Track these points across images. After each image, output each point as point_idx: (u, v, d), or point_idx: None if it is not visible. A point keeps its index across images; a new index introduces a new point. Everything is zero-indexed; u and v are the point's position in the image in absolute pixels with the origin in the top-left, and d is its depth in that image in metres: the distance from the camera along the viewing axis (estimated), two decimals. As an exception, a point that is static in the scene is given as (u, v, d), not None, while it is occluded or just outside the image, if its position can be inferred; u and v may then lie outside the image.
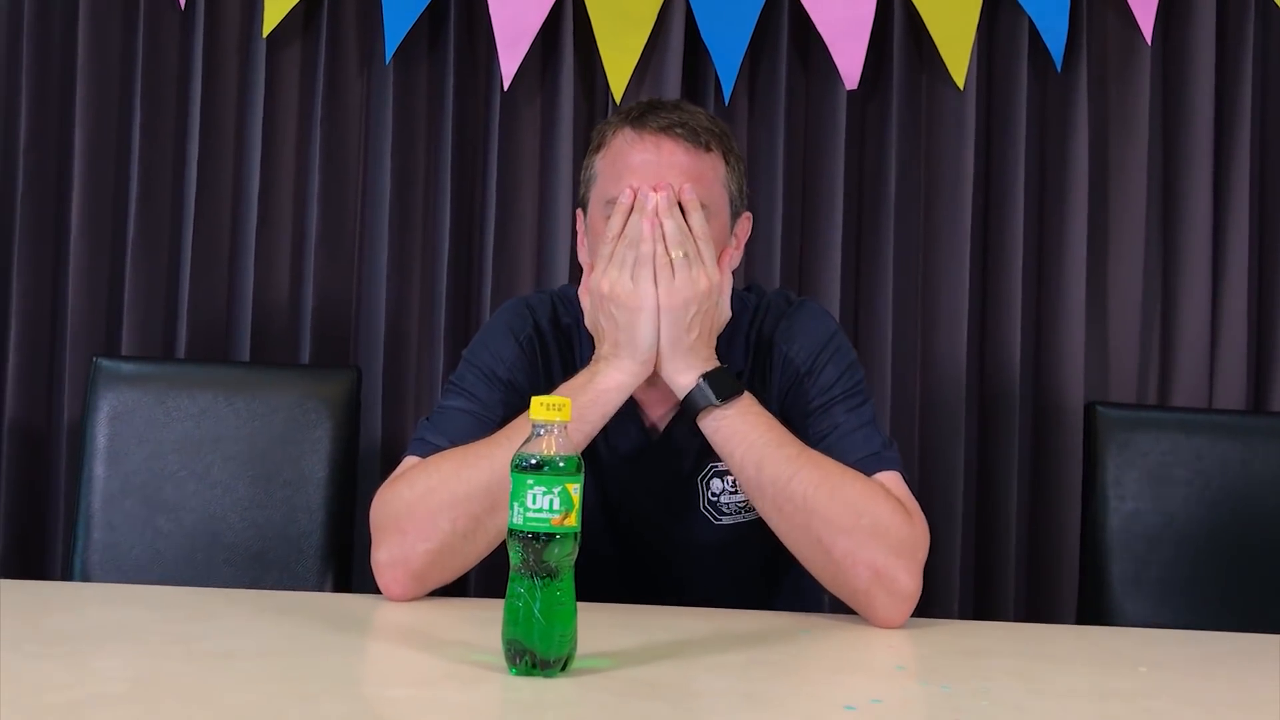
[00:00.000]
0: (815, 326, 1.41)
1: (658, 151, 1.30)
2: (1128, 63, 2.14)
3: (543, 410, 1.01)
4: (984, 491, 2.14)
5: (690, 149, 1.30)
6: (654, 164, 1.29)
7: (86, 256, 2.06)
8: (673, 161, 1.29)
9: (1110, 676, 1.12)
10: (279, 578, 1.73)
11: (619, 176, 1.31)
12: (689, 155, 1.30)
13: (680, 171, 1.29)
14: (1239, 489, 1.80)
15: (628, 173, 1.30)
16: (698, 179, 1.30)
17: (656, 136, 1.30)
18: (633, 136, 1.31)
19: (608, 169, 1.33)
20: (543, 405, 1.01)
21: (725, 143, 1.35)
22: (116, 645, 1.07)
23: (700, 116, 1.34)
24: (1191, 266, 2.14)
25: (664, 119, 1.31)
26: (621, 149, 1.32)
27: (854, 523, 1.22)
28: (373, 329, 2.10)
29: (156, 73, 2.08)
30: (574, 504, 1.00)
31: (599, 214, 1.34)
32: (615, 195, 1.30)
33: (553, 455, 0.99)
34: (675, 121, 1.30)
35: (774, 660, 1.09)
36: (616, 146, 1.33)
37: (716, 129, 1.34)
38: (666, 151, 1.30)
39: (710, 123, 1.34)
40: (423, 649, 1.11)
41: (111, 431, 1.76)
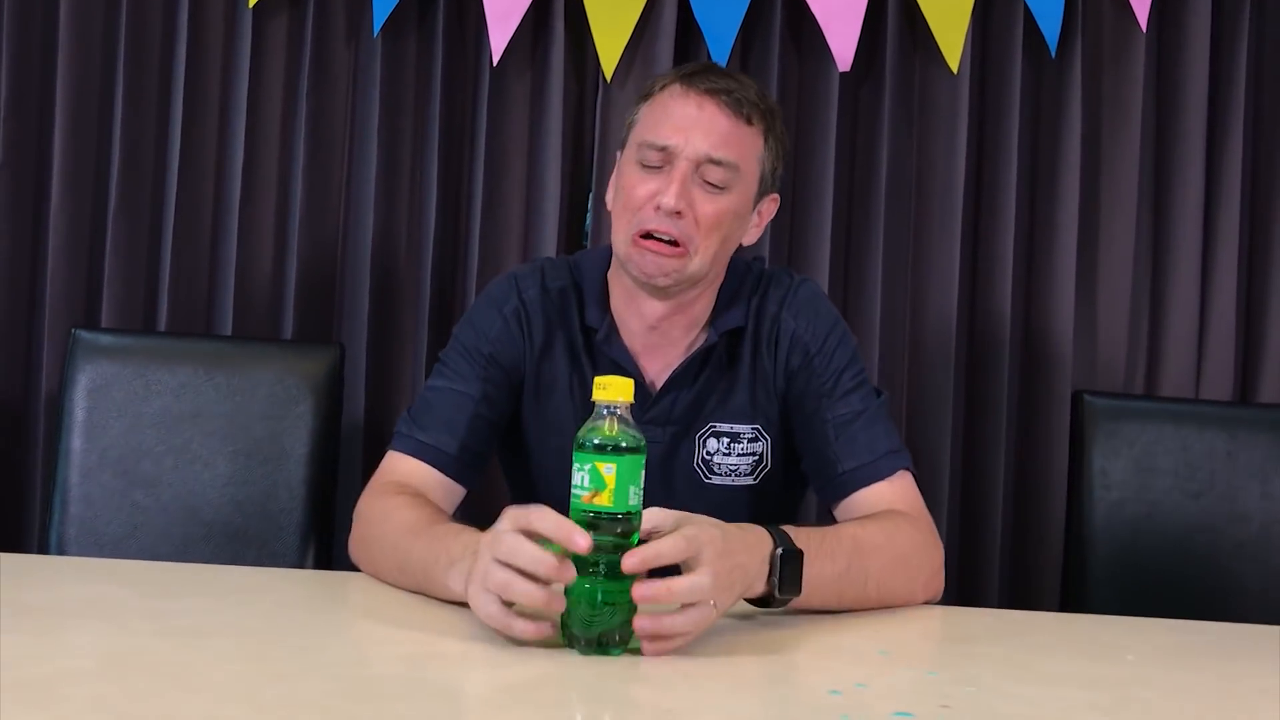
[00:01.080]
0: (822, 308, 1.45)
1: (699, 110, 1.33)
2: (1122, 49, 2.13)
3: (604, 392, 1.02)
4: (970, 478, 2.13)
5: (731, 116, 1.33)
6: (693, 119, 1.33)
7: (66, 227, 2.03)
8: (712, 124, 1.33)
9: (1098, 664, 1.11)
10: (258, 555, 1.71)
11: (658, 124, 1.34)
12: (728, 121, 1.33)
13: (716, 133, 1.33)
14: (1225, 480, 1.81)
15: (667, 121, 1.34)
16: (730, 143, 1.33)
17: (701, 96, 1.33)
18: (680, 91, 1.35)
19: (648, 115, 1.37)
20: (603, 387, 1.02)
21: (769, 120, 1.38)
22: (88, 620, 1.05)
23: (751, 90, 1.36)
24: (1182, 256, 2.13)
25: (714, 82, 1.34)
26: (666, 101, 1.35)
27: (909, 588, 1.28)
28: (357, 304, 2.08)
29: (140, 41, 2.05)
30: (641, 482, 1.01)
31: (631, 154, 1.37)
32: (651, 140, 1.34)
33: (617, 435, 1.00)
34: (724, 88, 1.33)
35: (757, 645, 1.08)
36: (662, 99, 1.36)
37: (763, 105, 1.37)
38: (708, 113, 1.33)
39: (759, 99, 1.36)
40: (403, 627, 1.09)
41: (90, 404, 1.74)
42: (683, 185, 1.32)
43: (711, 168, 1.33)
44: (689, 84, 1.34)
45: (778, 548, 1.11)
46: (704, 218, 1.33)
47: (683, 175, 1.32)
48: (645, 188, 1.34)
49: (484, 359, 1.41)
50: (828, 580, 1.17)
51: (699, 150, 1.32)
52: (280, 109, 2.09)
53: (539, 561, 0.98)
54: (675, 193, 1.31)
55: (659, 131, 1.34)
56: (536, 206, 2.09)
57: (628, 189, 1.36)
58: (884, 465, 1.36)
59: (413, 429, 1.38)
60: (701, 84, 1.34)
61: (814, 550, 1.15)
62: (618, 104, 2.08)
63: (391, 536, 1.23)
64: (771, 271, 1.48)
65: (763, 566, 1.10)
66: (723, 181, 1.33)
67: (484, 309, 1.45)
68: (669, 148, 1.33)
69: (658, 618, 0.99)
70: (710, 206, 1.33)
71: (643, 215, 1.34)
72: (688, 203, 1.32)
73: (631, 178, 1.36)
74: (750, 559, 1.09)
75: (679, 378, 1.41)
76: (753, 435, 1.43)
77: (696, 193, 1.33)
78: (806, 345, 1.42)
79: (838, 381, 1.40)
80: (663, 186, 1.32)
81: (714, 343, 1.41)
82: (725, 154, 1.33)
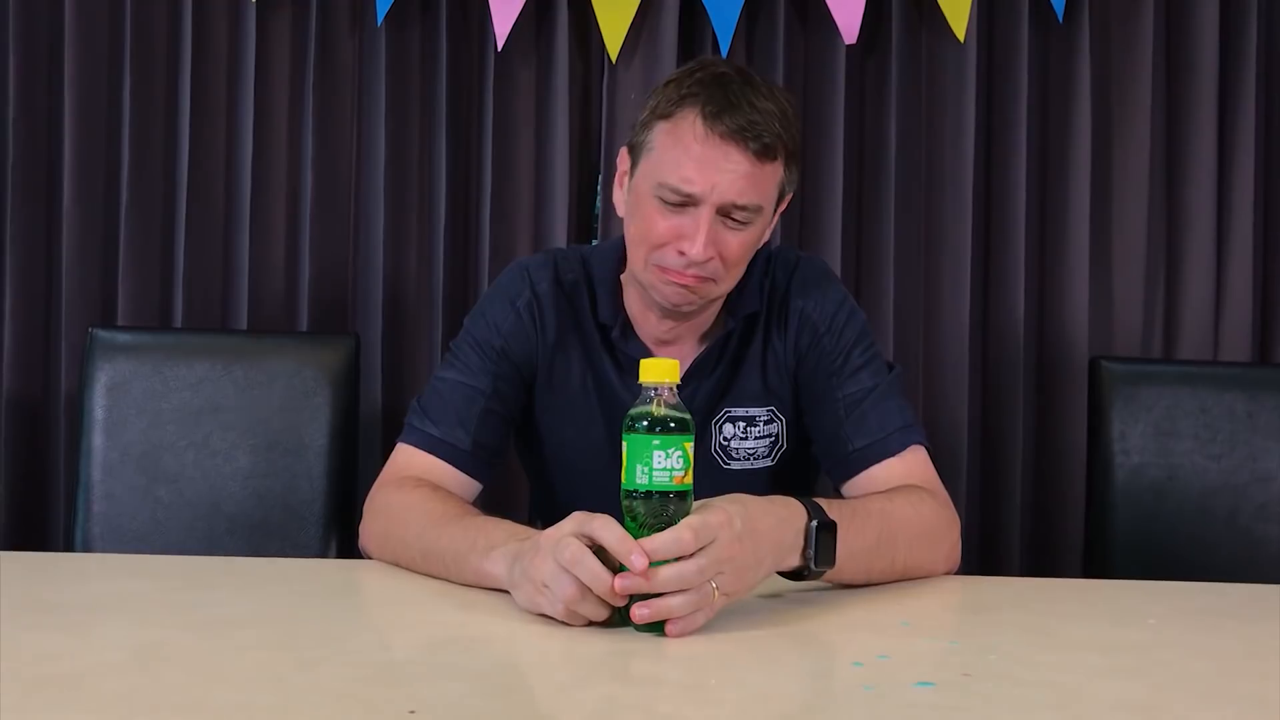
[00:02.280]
0: (829, 286, 1.44)
1: (725, 158, 1.26)
2: (1130, 12, 2.11)
3: (651, 373, 1.03)
4: (988, 448, 2.13)
5: (755, 160, 1.27)
6: (717, 165, 1.26)
7: (80, 226, 2.04)
8: (737, 170, 1.27)
9: (1119, 629, 1.11)
10: (281, 546, 1.73)
11: (678, 165, 1.27)
12: (752, 167, 1.27)
13: (741, 180, 1.27)
14: (1244, 441, 1.80)
15: (688, 163, 1.27)
16: (756, 187, 1.28)
17: (725, 143, 1.26)
18: (702, 133, 1.26)
19: (669, 150, 1.29)
20: (650, 369, 1.03)
21: (790, 147, 1.31)
22: (115, 615, 1.06)
23: (774, 120, 1.27)
24: (1196, 218, 2.12)
25: (738, 120, 1.26)
26: (687, 139, 1.27)
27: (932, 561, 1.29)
28: (371, 295, 2.09)
29: (146, 38, 2.06)
30: (690, 461, 1.02)
31: (646, 186, 1.31)
32: (670, 181, 1.27)
33: (665, 415, 1.01)
34: (747, 127, 1.26)
35: (780, 618, 1.09)
36: (683, 132, 1.28)
37: (786, 134, 1.29)
38: (734, 160, 1.26)
39: (782, 127, 1.28)
40: (424, 612, 1.10)
41: (109, 402, 1.75)
42: (708, 236, 1.27)
43: (736, 210, 1.28)
44: (712, 124, 1.26)
45: (812, 519, 1.11)
46: (728, 253, 1.30)
47: (708, 223, 1.27)
48: (666, 225, 1.29)
49: (495, 352, 1.40)
50: (858, 553, 1.17)
51: (725, 198, 1.27)
52: (287, 102, 2.09)
53: (597, 579, 0.99)
54: (703, 243, 1.27)
55: (681, 175, 1.27)
56: (546, 191, 2.09)
57: (647, 222, 1.30)
58: (894, 441, 1.35)
59: (425, 422, 1.37)
60: (725, 123, 1.25)
61: (846, 522, 1.15)
62: (623, 85, 2.07)
63: (416, 526, 1.23)
64: (777, 251, 1.47)
65: (797, 539, 1.10)
66: (747, 219, 1.29)
67: (496, 300, 1.44)
68: (694, 195, 1.27)
69: (652, 602, 0.99)
70: (735, 240, 1.30)
71: (665, 255, 1.30)
72: (714, 246, 1.28)
73: (651, 212, 1.30)
74: (783, 532, 1.09)
75: (700, 367, 1.41)
76: (768, 417, 1.43)
77: (721, 231, 1.29)
78: (815, 324, 1.41)
79: (847, 359, 1.39)
80: (688, 230, 1.28)
81: (733, 329, 1.41)
82: (751, 199, 1.28)
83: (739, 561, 1.03)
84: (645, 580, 0.99)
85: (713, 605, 1.02)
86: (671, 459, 1.01)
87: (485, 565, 1.12)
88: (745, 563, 1.03)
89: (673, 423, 1.01)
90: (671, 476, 1.01)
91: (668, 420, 1.01)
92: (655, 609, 0.99)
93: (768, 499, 1.10)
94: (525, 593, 1.05)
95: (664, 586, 0.99)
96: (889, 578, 1.23)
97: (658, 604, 1.00)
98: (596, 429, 1.42)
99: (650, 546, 0.99)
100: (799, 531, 1.10)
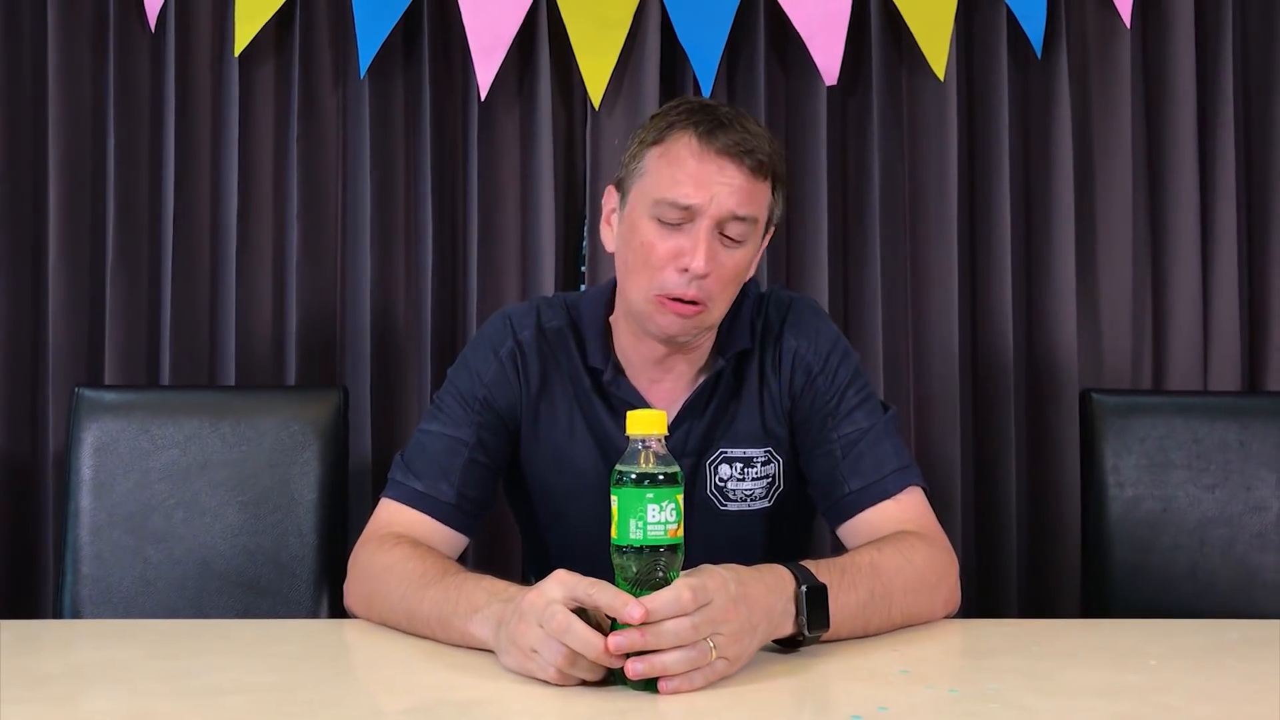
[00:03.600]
0: (822, 326, 1.44)
1: (720, 171, 1.30)
2: (1108, 48, 2.13)
3: (639, 425, 1.02)
4: (982, 485, 2.12)
5: (750, 174, 1.31)
6: (714, 178, 1.30)
7: (66, 285, 2.03)
8: (732, 185, 1.30)
9: (1121, 671, 1.10)
10: (273, 604, 1.71)
11: (676, 181, 1.30)
12: (747, 181, 1.31)
13: (739, 192, 1.30)
14: (1238, 470, 1.79)
15: (686, 179, 1.30)
16: (752, 200, 1.32)
17: (721, 158, 1.30)
18: (697, 149, 1.30)
19: (664, 169, 1.32)
20: (637, 421, 1.02)
21: (777, 171, 1.36)
22: (104, 685, 1.04)
23: (764, 142, 1.33)
24: (1181, 249, 2.12)
25: (731, 137, 1.30)
26: (682, 156, 1.31)
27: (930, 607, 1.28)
28: (359, 346, 2.08)
29: (129, 96, 2.06)
30: (681, 514, 1.01)
31: (641, 209, 1.33)
32: (668, 196, 1.30)
33: (656, 468, 1.01)
34: (742, 146, 1.30)
35: (776, 669, 1.07)
36: (678, 151, 1.31)
37: (773, 160, 1.34)
38: (729, 174, 1.30)
39: (770, 149, 1.33)
40: (414, 675, 1.09)
41: (96, 462, 1.74)
42: (710, 247, 1.30)
43: (733, 224, 1.31)
44: (706, 141, 1.30)
45: (801, 585, 1.10)
46: (724, 272, 1.32)
47: (708, 236, 1.30)
48: (666, 246, 1.31)
49: (479, 402, 1.40)
50: (852, 611, 1.16)
51: (724, 209, 1.30)
52: (272, 155, 2.09)
53: (589, 646, 0.98)
54: (704, 256, 1.29)
55: (680, 190, 1.30)
56: (532, 239, 2.09)
57: (647, 246, 1.32)
58: (891, 483, 1.35)
59: (408, 476, 1.37)
60: (719, 140, 1.30)
61: (836, 582, 1.14)
62: (607, 131, 2.08)
63: (398, 588, 1.22)
64: (769, 291, 1.47)
65: (788, 605, 1.09)
66: (741, 235, 1.32)
67: (479, 350, 1.44)
68: (692, 207, 1.30)
69: (648, 657, 0.98)
70: (730, 260, 1.32)
71: (665, 277, 1.31)
72: (713, 262, 1.30)
73: (650, 235, 1.32)
74: (774, 599, 1.08)
75: (691, 408, 1.40)
76: (765, 458, 1.42)
77: (719, 248, 1.31)
78: (809, 364, 1.41)
79: (842, 399, 1.39)
80: (687, 247, 1.30)
81: (722, 368, 1.41)
82: (748, 210, 1.31)
83: (735, 624, 1.02)
84: (640, 637, 0.98)
85: (712, 668, 1.00)
86: (665, 512, 1.00)
87: (470, 628, 1.11)
88: (741, 626, 1.02)
89: (663, 475, 1.01)
90: (665, 530, 1.00)
91: (659, 473, 1.01)
92: (650, 665, 0.98)
93: (755, 567, 1.09)
94: (514, 658, 1.03)
95: (660, 643, 0.98)
96: (887, 629, 1.22)
97: (654, 659, 0.98)
98: (589, 475, 1.41)
99: (650, 606, 0.98)
100: (789, 598, 1.09)
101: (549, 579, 1.03)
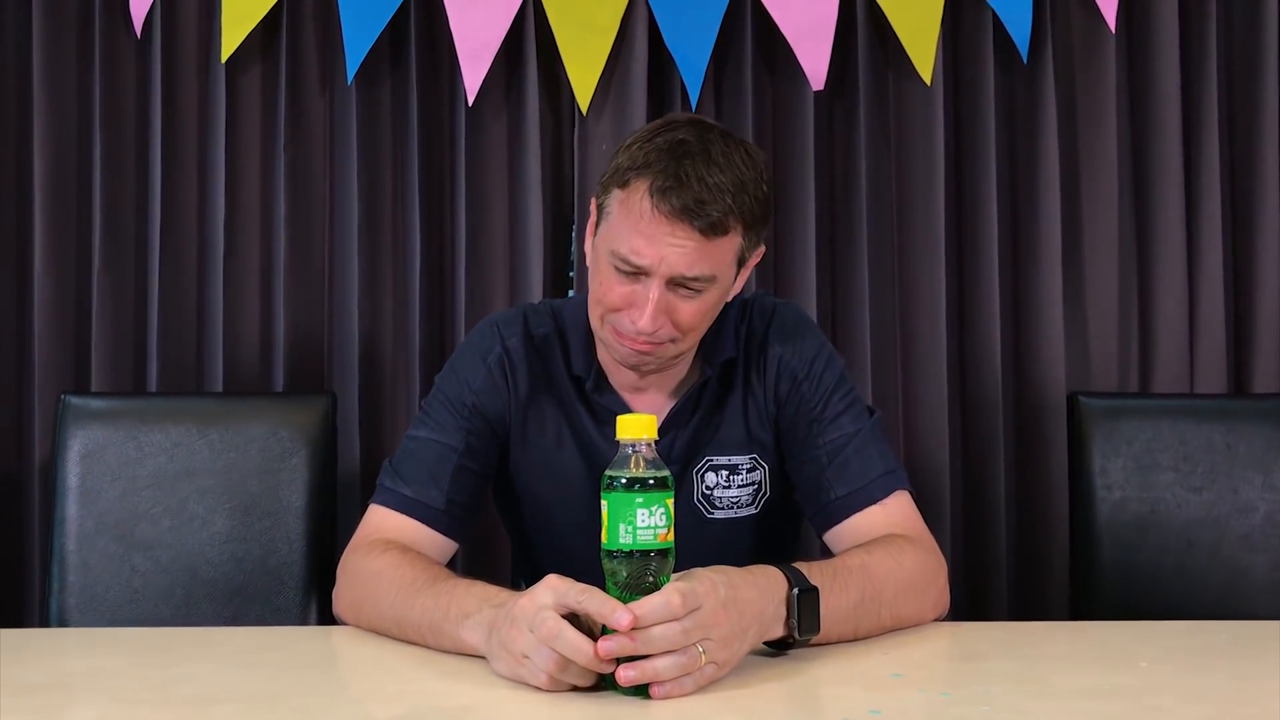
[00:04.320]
0: (806, 332, 1.43)
1: (672, 234, 1.24)
2: (1093, 52, 2.14)
3: (629, 430, 1.01)
4: (971, 489, 2.12)
5: (704, 236, 1.24)
6: (665, 240, 1.24)
7: (51, 292, 2.02)
8: (684, 247, 1.24)
9: (1112, 673, 1.10)
10: (261, 611, 1.70)
11: (629, 236, 1.25)
12: (700, 243, 1.24)
13: (690, 255, 1.25)
14: (1225, 472, 1.80)
15: (638, 236, 1.25)
16: (705, 260, 1.26)
17: (672, 220, 1.23)
18: (649, 209, 1.24)
19: (622, 220, 1.27)
20: (627, 425, 1.02)
21: (748, 215, 1.27)
22: (90, 695, 1.03)
23: (725, 195, 1.23)
24: (1166, 252, 2.13)
25: (686, 197, 1.22)
26: (636, 213, 1.25)
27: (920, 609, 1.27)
28: (347, 353, 2.07)
29: (115, 101, 2.05)
30: (672, 519, 1.01)
31: (603, 248, 1.30)
32: (620, 250, 1.26)
33: (646, 472, 1.00)
34: (694, 207, 1.22)
35: (767, 673, 1.07)
36: (633, 206, 1.25)
37: (741, 206, 1.25)
38: (680, 236, 1.24)
39: (735, 200, 1.24)
40: (403, 682, 1.08)
41: (83, 470, 1.72)
42: (656, 308, 1.26)
43: (688, 282, 1.27)
44: (660, 200, 1.23)
45: (794, 588, 1.09)
46: (682, 320, 1.28)
47: (656, 297, 1.26)
48: (619, 292, 1.28)
49: (467, 409, 1.39)
50: (843, 613, 1.16)
51: (674, 270, 1.25)
52: (259, 161, 2.09)
53: (579, 651, 0.98)
54: (650, 316, 1.26)
55: (630, 246, 1.25)
56: (520, 244, 2.09)
57: (603, 286, 1.30)
58: (877, 488, 1.35)
59: (397, 482, 1.36)
60: (671, 201, 1.22)
61: (827, 585, 1.13)
62: (595, 137, 2.08)
63: (388, 594, 1.21)
64: (754, 297, 1.46)
65: (779, 609, 1.09)
66: (700, 288, 1.28)
67: (467, 357, 1.43)
68: (643, 267, 1.25)
69: (639, 664, 0.98)
70: (688, 308, 1.28)
71: (618, 319, 1.30)
72: (665, 316, 1.27)
73: (606, 277, 1.29)
74: (766, 602, 1.07)
75: (676, 416, 1.40)
76: (750, 465, 1.42)
77: (674, 300, 1.27)
78: (794, 370, 1.40)
79: (827, 405, 1.39)
80: (638, 299, 1.27)
81: (709, 377, 1.40)
82: (701, 271, 1.25)
83: (725, 629, 1.01)
84: (631, 642, 0.97)
85: (702, 673, 1.00)
86: (655, 517, 1.00)
87: (461, 634, 1.11)
88: (732, 631, 1.02)
89: (653, 480, 1.00)
90: (655, 535, 1.00)
91: (648, 478, 1.00)
92: (641, 671, 0.98)
93: (747, 569, 1.09)
94: (505, 664, 1.03)
95: (650, 648, 0.98)
96: (877, 632, 1.22)
97: (644, 666, 0.98)
98: (575, 482, 1.40)
99: (639, 611, 0.97)
100: (781, 601, 1.09)
101: (540, 584, 1.02)
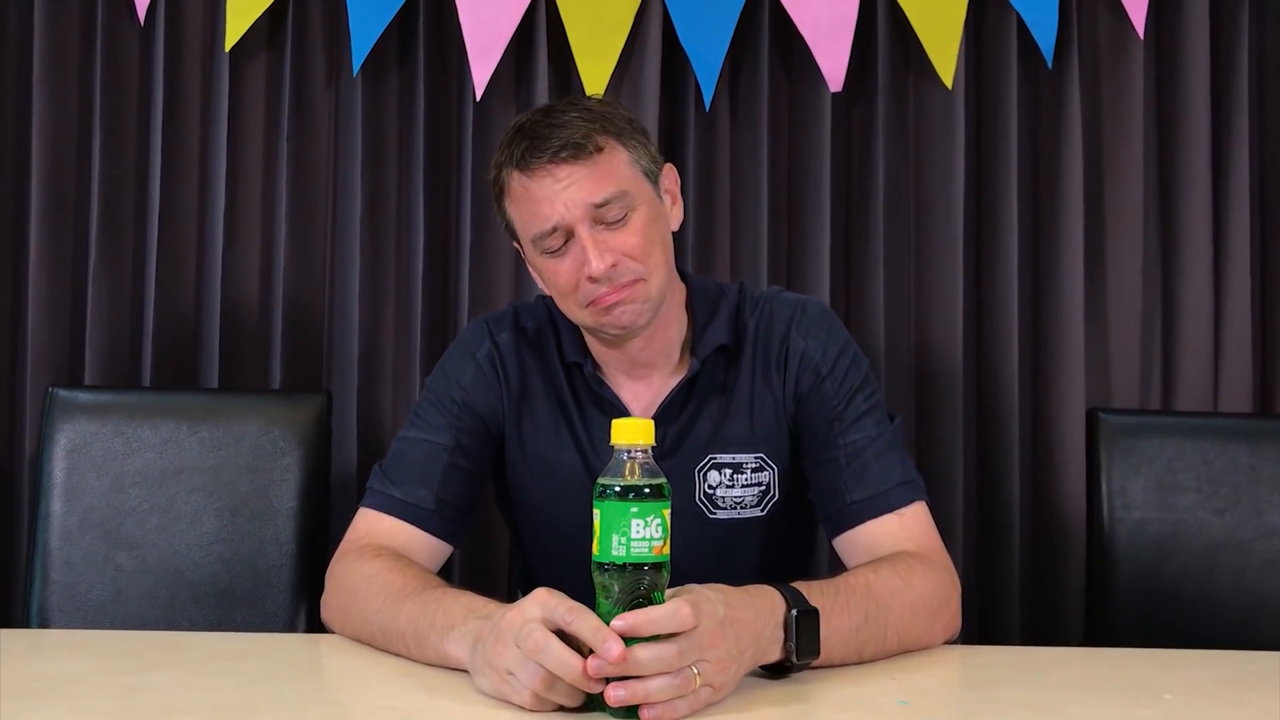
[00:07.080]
0: (832, 327, 1.40)
1: (556, 180, 1.27)
2: (1120, 58, 2.08)
3: (624, 434, 0.96)
4: (985, 504, 2.07)
5: (583, 162, 1.27)
6: (554, 191, 1.27)
7: (47, 282, 1.99)
8: (571, 180, 1.27)
9: (1133, 706, 1.04)
10: (248, 615, 1.65)
11: (532, 215, 1.29)
12: (586, 167, 1.27)
13: (584, 185, 1.27)
14: (1249, 494, 1.74)
15: (535, 208, 1.28)
16: (602, 180, 1.27)
17: (548, 169, 1.27)
18: (525, 178, 1.28)
19: (519, 210, 1.31)
20: (622, 429, 0.97)
21: (613, 126, 1.30)
22: (50, 701, 0.98)
23: (578, 121, 1.28)
24: (1192, 266, 2.07)
25: (544, 147, 1.27)
26: (519, 191, 1.30)
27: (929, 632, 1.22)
28: (346, 350, 2.03)
29: (116, 90, 2.01)
30: (669, 531, 0.95)
31: (531, 252, 1.33)
32: (533, 232, 1.29)
33: (642, 480, 0.95)
34: (554, 148, 1.27)
35: (767, 697, 1.02)
36: (514, 189, 1.30)
37: (597, 122, 1.29)
38: (563, 176, 1.27)
39: (589, 119, 1.28)
40: (383, 696, 1.03)
41: (68, 465, 1.68)
42: (596, 246, 1.27)
43: (604, 209, 1.27)
44: (527, 164, 1.28)
45: (792, 609, 1.04)
46: (630, 247, 1.28)
47: (588, 235, 1.27)
48: (566, 270, 1.29)
49: (456, 406, 1.37)
50: (846, 635, 1.11)
51: (581, 206, 1.27)
52: (261, 153, 2.05)
53: (566, 667, 0.93)
54: (596, 256, 1.26)
55: (537, 219, 1.28)
56: (525, 242, 2.04)
57: (552, 278, 1.32)
58: (895, 497, 1.30)
59: (386, 484, 1.33)
60: (536, 156, 1.27)
61: (829, 605, 1.08)
62: (605, 134, 2.03)
63: (375, 602, 1.17)
64: (770, 292, 1.43)
65: (776, 631, 1.04)
66: (622, 210, 1.28)
67: (455, 354, 1.41)
68: (557, 226, 1.27)
69: (630, 684, 0.92)
70: (630, 235, 1.29)
71: (584, 292, 1.30)
72: (611, 251, 1.27)
73: (549, 268, 1.31)
74: (763, 623, 1.02)
75: (666, 411, 1.36)
76: (756, 465, 1.37)
77: (609, 235, 1.28)
78: (817, 366, 1.36)
79: (849, 404, 1.35)
80: (580, 258, 1.28)
81: (697, 371, 1.36)
82: (605, 191, 1.27)
83: (722, 651, 0.96)
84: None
85: (696, 696, 0.95)
86: (650, 528, 0.94)
87: (445, 647, 1.06)
88: (729, 653, 0.97)
89: (649, 488, 0.95)
90: (650, 547, 0.94)
91: (644, 486, 0.95)
92: (632, 692, 0.92)
93: (744, 589, 1.04)
94: (490, 680, 0.98)
95: (642, 669, 0.92)
96: (882, 655, 1.16)
97: (635, 686, 0.93)
98: (572, 480, 1.37)
99: (627, 622, 0.92)
100: (778, 624, 1.04)
101: (529, 597, 0.97)
